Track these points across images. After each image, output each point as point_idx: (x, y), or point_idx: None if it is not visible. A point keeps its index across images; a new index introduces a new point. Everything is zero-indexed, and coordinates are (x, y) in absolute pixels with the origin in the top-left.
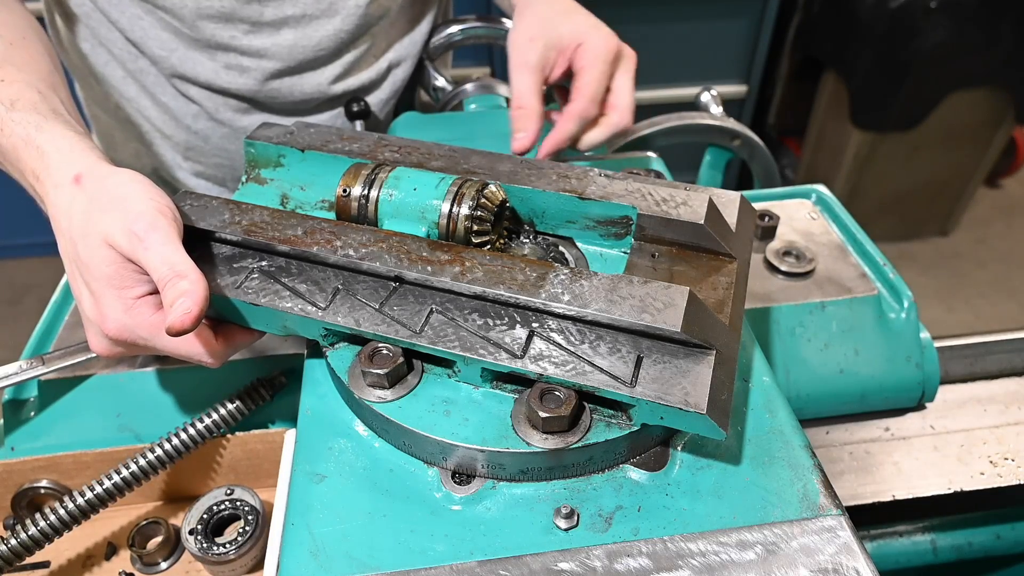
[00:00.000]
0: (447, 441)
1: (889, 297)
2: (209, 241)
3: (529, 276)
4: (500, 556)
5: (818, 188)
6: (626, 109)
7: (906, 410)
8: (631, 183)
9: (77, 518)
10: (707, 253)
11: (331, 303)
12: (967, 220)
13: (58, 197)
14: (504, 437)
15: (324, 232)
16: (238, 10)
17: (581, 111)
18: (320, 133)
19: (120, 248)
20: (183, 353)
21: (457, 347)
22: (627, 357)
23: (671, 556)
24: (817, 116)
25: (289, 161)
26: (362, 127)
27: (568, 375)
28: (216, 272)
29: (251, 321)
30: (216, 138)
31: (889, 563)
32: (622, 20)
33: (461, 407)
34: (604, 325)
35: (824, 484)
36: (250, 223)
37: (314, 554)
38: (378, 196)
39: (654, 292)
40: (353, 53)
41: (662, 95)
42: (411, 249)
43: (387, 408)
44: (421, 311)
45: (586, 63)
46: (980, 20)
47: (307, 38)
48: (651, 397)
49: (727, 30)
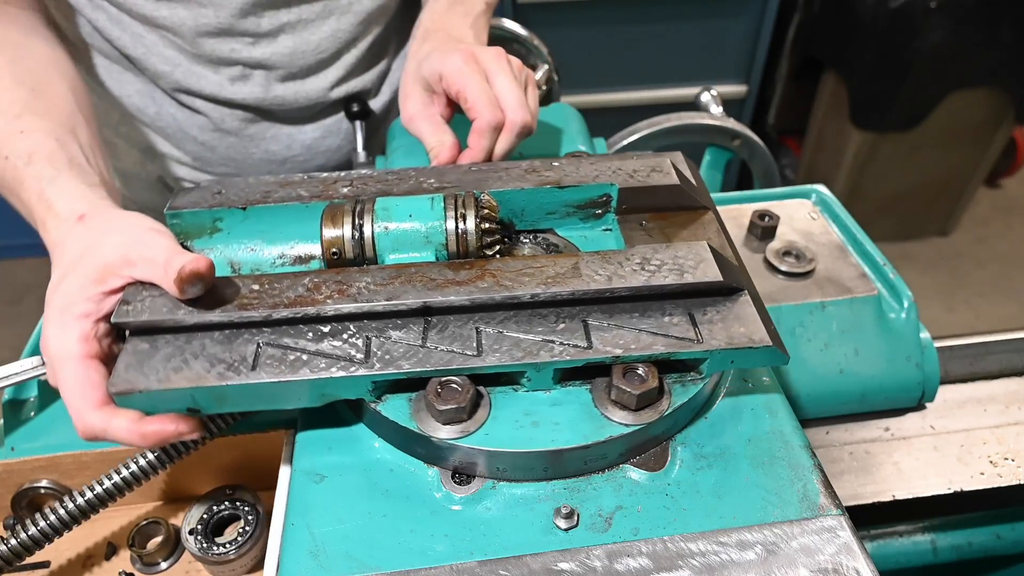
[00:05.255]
0: (556, 449)
1: (889, 297)
2: (197, 332)
3: (562, 269)
4: (500, 556)
5: (818, 188)
6: (516, 106)
7: (906, 410)
8: (595, 163)
9: (77, 518)
10: (684, 210)
11: (369, 355)
12: (967, 220)
13: (60, 235)
14: (602, 427)
15: (330, 284)
16: (236, 24)
17: (487, 122)
18: (255, 185)
19: (110, 268)
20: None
21: (524, 356)
22: (681, 318)
23: (671, 556)
24: (817, 116)
25: (228, 224)
26: (362, 128)
27: (642, 350)
28: (216, 362)
29: (280, 401)
30: (222, 148)
31: (889, 563)
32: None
33: (544, 414)
34: (646, 296)
35: (824, 484)
36: (239, 298)
37: (314, 554)
38: (372, 232)
39: (679, 253)
40: (353, 54)
41: (662, 95)
42: (432, 276)
43: (477, 440)
44: (466, 333)
45: (458, 86)
46: (980, 20)
47: (305, 42)
48: (722, 346)
49: (727, 30)
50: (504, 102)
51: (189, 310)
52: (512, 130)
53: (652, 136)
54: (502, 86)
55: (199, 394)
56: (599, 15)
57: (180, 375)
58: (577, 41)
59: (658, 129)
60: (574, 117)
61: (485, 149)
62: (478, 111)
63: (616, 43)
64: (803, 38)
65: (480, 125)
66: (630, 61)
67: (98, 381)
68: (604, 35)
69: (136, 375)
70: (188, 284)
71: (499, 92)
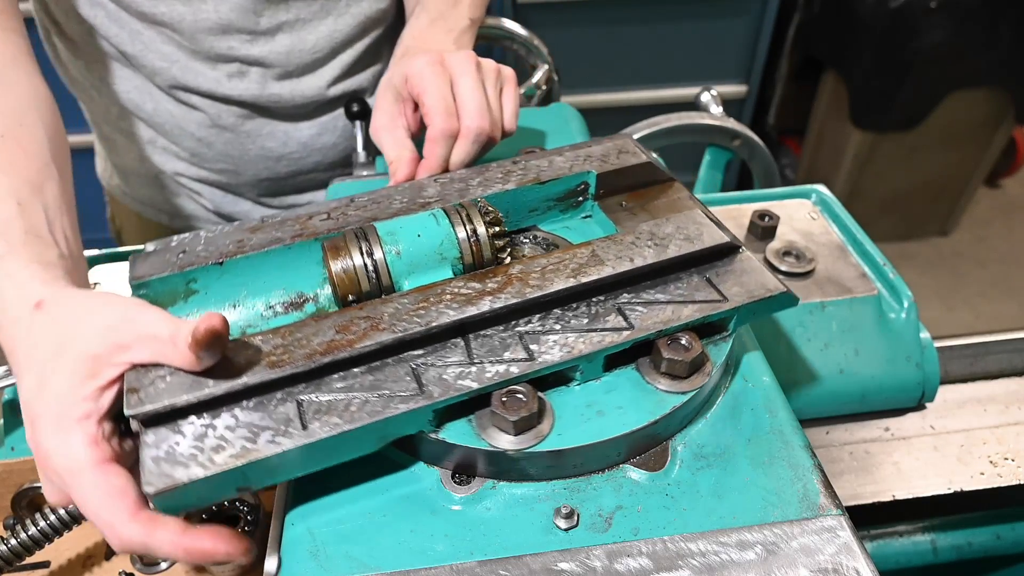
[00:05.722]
0: (631, 431)
1: (889, 297)
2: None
3: (583, 260)
4: (500, 556)
5: (818, 188)
6: (475, 111)
7: (906, 410)
8: (562, 155)
9: (77, 518)
10: (653, 185)
11: (421, 384)
12: (967, 220)
13: (19, 329)
14: (662, 400)
15: (358, 321)
16: (235, 21)
17: (439, 130)
18: (222, 236)
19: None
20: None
21: (574, 351)
22: (700, 282)
23: (671, 556)
24: (817, 116)
25: (204, 283)
26: (362, 128)
27: (680, 319)
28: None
29: (337, 455)
30: (219, 144)
31: (889, 563)
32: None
33: (605, 402)
34: (664, 270)
35: (824, 484)
36: (264, 356)
37: (314, 554)
38: (385, 259)
39: (680, 224)
40: (350, 53)
41: (662, 95)
42: (461, 291)
43: (556, 441)
44: (510, 341)
45: (419, 88)
46: (980, 20)
47: (303, 41)
48: (746, 300)
49: (727, 30)
50: (463, 107)
51: (214, 381)
52: (468, 137)
53: (652, 136)
54: (463, 90)
55: (251, 470)
56: (599, 15)
57: (223, 454)
58: (577, 41)
59: (658, 129)
60: (574, 117)
61: (440, 157)
62: (431, 118)
63: (616, 43)
64: (803, 38)
65: (432, 133)
66: (630, 61)
67: (123, 486)
68: (604, 35)
69: (172, 467)
70: (207, 348)
71: (460, 96)
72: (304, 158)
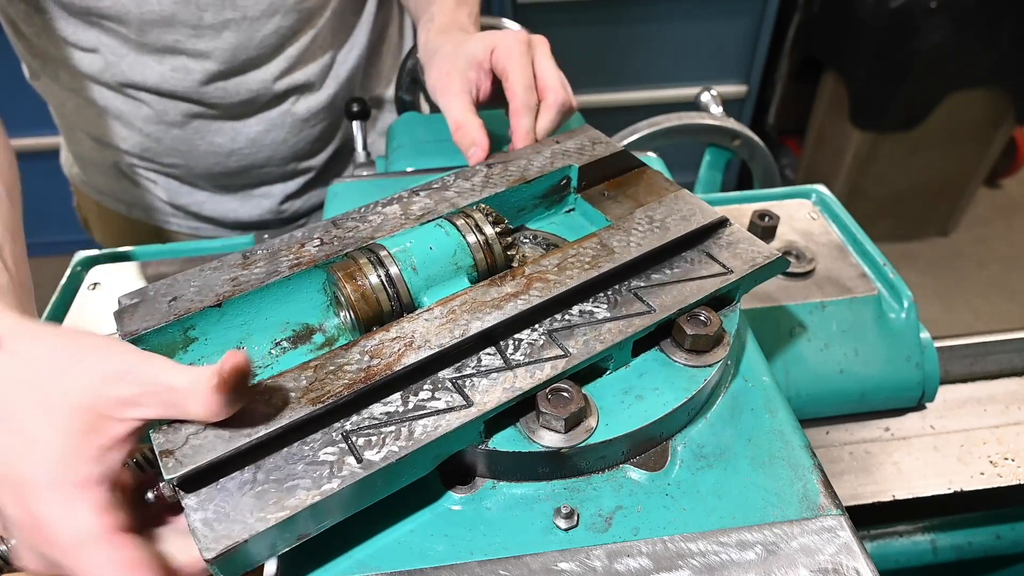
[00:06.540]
0: (674, 408)
1: (889, 297)
2: (260, 452)
3: (594, 251)
4: (500, 556)
5: (818, 188)
6: (558, 87)
7: (906, 410)
8: (538, 152)
9: None
10: (627, 171)
11: (466, 397)
12: (967, 220)
13: None
14: (693, 376)
15: (389, 344)
16: (178, 13)
17: (523, 102)
18: (213, 275)
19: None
20: None
21: (607, 340)
22: (703, 258)
23: (671, 556)
24: (817, 116)
25: (203, 328)
26: (362, 128)
27: (695, 296)
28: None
29: (395, 482)
30: (168, 140)
31: (889, 563)
32: (622, 20)
33: (640, 386)
34: (666, 250)
35: (824, 484)
36: (302, 392)
37: (314, 554)
38: (401, 275)
39: (674, 206)
40: (296, 46)
41: (662, 95)
42: (484, 300)
43: (606, 432)
44: (541, 340)
45: (505, 63)
46: (980, 20)
47: (249, 39)
48: (748, 269)
49: (727, 30)
50: (547, 82)
51: (251, 428)
52: (554, 107)
53: (652, 136)
54: (544, 68)
55: (310, 514)
56: (599, 15)
57: (280, 503)
58: (577, 41)
59: (658, 129)
60: (574, 117)
61: (527, 127)
62: (514, 91)
63: (616, 43)
64: (803, 38)
65: (515, 105)
66: (630, 61)
67: (142, 559)
68: (604, 35)
69: (228, 526)
70: (235, 391)
71: (540, 73)
72: (254, 154)
